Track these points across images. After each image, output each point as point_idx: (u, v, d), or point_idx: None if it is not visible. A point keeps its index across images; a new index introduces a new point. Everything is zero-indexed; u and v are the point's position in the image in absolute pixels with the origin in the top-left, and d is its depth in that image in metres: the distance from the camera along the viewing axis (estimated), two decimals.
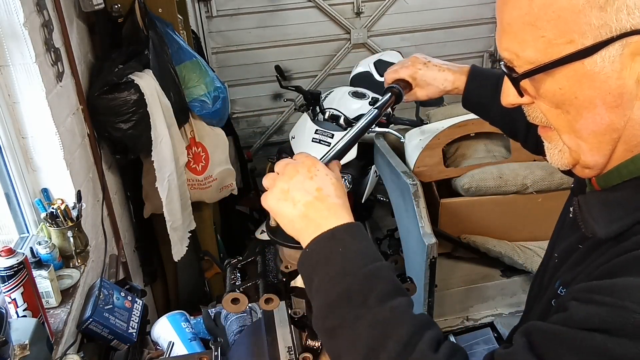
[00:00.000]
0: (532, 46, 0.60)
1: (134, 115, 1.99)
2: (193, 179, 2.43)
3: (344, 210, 0.74)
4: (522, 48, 0.61)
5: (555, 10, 0.57)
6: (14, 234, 1.67)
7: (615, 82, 0.58)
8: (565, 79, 0.60)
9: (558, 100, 0.62)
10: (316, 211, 0.73)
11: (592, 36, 0.56)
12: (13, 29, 1.48)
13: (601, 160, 0.64)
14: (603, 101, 0.59)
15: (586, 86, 0.59)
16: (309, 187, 0.74)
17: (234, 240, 3.23)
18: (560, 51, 0.58)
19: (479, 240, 2.52)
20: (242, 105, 4.35)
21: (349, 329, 0.66)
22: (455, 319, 2.51)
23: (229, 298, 0.92)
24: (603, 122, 0.60)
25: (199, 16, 3.91)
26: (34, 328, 1.20)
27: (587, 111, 0.60)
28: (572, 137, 0.64)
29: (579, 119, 0.61)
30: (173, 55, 2.21)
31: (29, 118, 1.60)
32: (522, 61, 0.62)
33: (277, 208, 0.76)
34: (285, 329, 1.21)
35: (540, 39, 0.59)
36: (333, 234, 0.71)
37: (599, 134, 0.62)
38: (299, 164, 0.77)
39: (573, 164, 0.67)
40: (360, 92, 3.27)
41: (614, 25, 0.55)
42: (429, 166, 2.50)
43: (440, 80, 1.14)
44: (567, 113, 0.62)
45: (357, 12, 4.19)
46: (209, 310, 1.64)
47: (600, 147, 0.63)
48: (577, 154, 0.65)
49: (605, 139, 0.62)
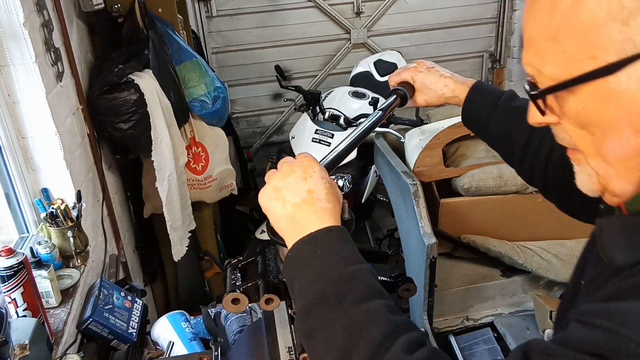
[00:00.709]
0: (553, 61, 0.56)
1: (134, 115, 1.99)
2: (193, 178, 2.43)
3: (330, 215, 0.74)
4: (544, 64, 0.58)
5: (576, 23, 0.53)
6: (14, 234, 1.67)
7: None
8: (588, 98, 0.56)
9: (582, 120, 0.58)
10: (303, 214, 0.73)
11: (616, 52, 0.52)
12: (13, 29, 1.48)
13: (630, 188, 0.59)
14: (630, 123, 0.54)
15: (611, 106, 0.54)
16: (301, 188, 0.75)
17: (234, 240, 3.23)
18: (582, 67, 0.54)
19: (479, 240, 2.52)
20: (242, 105, 4.35)
21: (324, 330, 0.66)
22: (455, 319, 2.51)
23: (230, 298, 0.92)
24: (630, 147, 0.55)
25: (199, 16, 3.91)
26: (34, 328, 1.20)
27: (613, 133, 0.55)
28: (599, 161, 0.59)
29: (605, 142, 0.57)
30: (173, 55, 2.21)
31: (29, 118, 1.60)
32: (544, 77, 0.58)
33: (267, 205, 0.76)
34: (285, 329, 1.21)
35: (561, 54, 0.55)
36: (314, 238, 0.71)
37: (627, 159, 0.57)
38: (296, 163, 0.78)
39: (602, 191, 0.63)
40: (360, 92, 3.27)
41: (639, 40, 0.51)
42: (429, 166, 2.50)
43: (440, 86, 1.12)
44: (593, 135, 0.57)
45: (357, 12, 4.19)
46: (209, 310, 1.64)
47: (629, 173, 0.58)
48: (605, 179, 0.60)
49: (634, 165, 0.57)
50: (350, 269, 0.69)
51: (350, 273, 0.68)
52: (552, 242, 2.50)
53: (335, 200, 0.76)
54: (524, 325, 2.42)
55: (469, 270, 2.60)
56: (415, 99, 1.16)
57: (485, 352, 2.37)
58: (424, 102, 1.15)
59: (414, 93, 1.15)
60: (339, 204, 0.77)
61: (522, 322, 2.45)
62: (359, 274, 0.69)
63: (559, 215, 1.01)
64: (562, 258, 2.44)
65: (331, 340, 0.65)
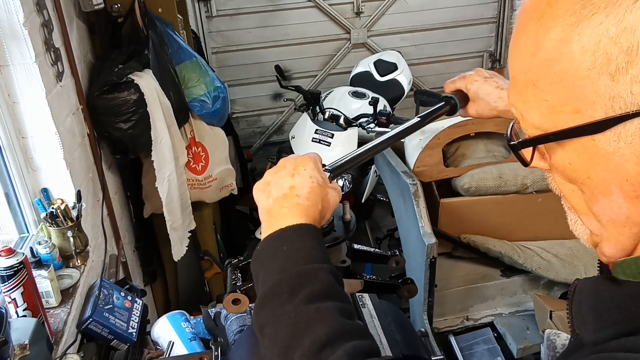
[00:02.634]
0: (536, 109, 0.50)
1: (134, 115, 1.99)
2: (193, 178, 2.43)
3: (305, 212, 0.72)
4: (526, 109, 0.51)
5: (557, 72, 0.47)
6: (14, 234, 1.67)
7: (634, 168, 0.46)
8: (575, 154, 0.49)
9: (569, 176, 0.52)
10: (279, 208, 0.73)
11: (603, 109, 0.45)
12: (13, 28, 1.48)
13: (619, 254, 0.53)
14: (620, 188, 0.48)
15: (599, 167, 0.48)
16: (285, 183, 0.75)
17: (234, 240, 3.22)
18: (566, 121, 0.48)
19: (479, 240, 2.52)
20: (242, 105, 4.35)
21: (273, 324, 0.65)
22: (455, 319, 2.51)
23: (230, 299, 0.91)
24: (622, 212, 0.49)
25: (199, 16, 3.91)
26: (34, 328, 1.20)
27: (603, 196, 0.49)
28: (592, 220, 0.53)
29: (595, 202, 0.51)
30: (173, 55, 2.21)
31: (29, 118, 1.60)
32: (526, 124, 0.52)
33: (256, 197, 0.78)
34: None
35: (543, 103, 0.49)
36: (282, 233, 0.71)
37: (618, 224, 0.50)
38: (290, 160, 0.78)
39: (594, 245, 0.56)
40: (360, 92, 3.27)
41: (629, 99, 0.44)
42: (429, 166, 2.50)
43: (494, 97, 1.06)
44: (582, 192, 0.52)
45: (357, 12, 4.19)
46: (209, 310, 1.64)
47: (620, 240, 0.51)
48: (598, 238, 0.54)
49: (625, 232, 0.50)
50: (310, 267, 0.68)
51: (309, 270, 0.67)
52: (552, 242, 2.50)
53: (318, 200, 0.74)
54: (524, 325, 2.42)
55: (469, 270, 2.59)
56: (467, 109, 1.10)
57: (485, 352, 2.37)
58: (475, 112, 1.10)
59: (467, 103, 1.09)
60: (323, 205, 0.75)
61: (522, 322, 2.45)
62: (318, 273, 0.67)
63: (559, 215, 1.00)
64: (562, 258, 2.44)
65: (278, 335, 0.64)
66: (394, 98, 3.43)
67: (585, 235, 0.57)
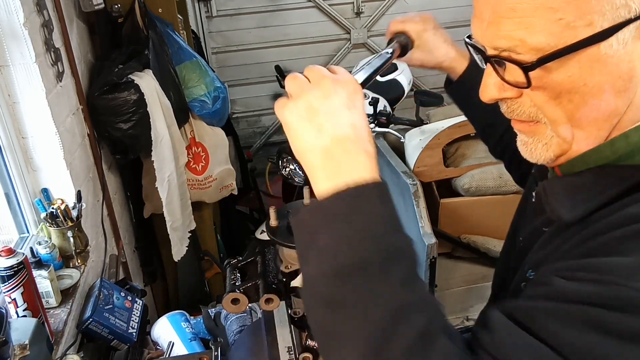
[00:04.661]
0: (545, 30, 0.55)
1: (134, 115, 1.99)
2: (193, 179, 2.43)
3: (374, 164, 0.61)
4: (531, 33, 0.56)
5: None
6: (14, 234, 1.67)
7: (627, 66, 0.56)
8: (577, 66, 0.56)
9: (563, 89, 0.58)
10: (344, 153, 0.59)
11: (612, 17, 0.53)
12: (13, 29, 1.48)
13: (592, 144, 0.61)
14: (612, 86, 0.56)
15: (597, 71, 0.56)
16: (345, 119, 0.61)
17: (234, 240, 3.22)
18: (577, 35, 0.54)
19: (479, 240, 2.52)
20: (242, 105, 4.35)
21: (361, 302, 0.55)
22: (455, 319, 2.51)
23: (229, 298, 0.92)
24: (608, 108, 0.58)
25: (199, 16, 3.91)
26: (34, 328, 1.20)
27: (594, 98, 0.57)
28: (568, 127, 0.61)
29: (582, 107, 0.58)
30: (173, 55, 2.21)
31: (29, 118, 1.60)
32: (526, 48, 0.57)
33: (295, 126, 0.61)
34: (285, 329, 1.21)
35: (557, 22, 0.54)
36: (363, 190, 0.58)
37: (600, 121, 0.59)
38: (341, 83, 0.64)
39: (559, 156, 0.64)
40: None
41: (634, 5, 0.53)
42: (429, 166, 2.50)
43: (442, 52, 1.03)
44: (570, 102, 0.58)
45: (357, 12, 4.20)
46: (209, 310, 1.64)
47: (599, 134, 0.60)
48: (568, 144, 0.62)
49: (606, 126, 0.60)
50: (398, 239, 0.58)
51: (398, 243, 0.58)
52: None
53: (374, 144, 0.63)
54: None
55: (469, 270, 2.60)
56: (412, 55, 1.04)
57: None
58: (419, 62, 1.05)
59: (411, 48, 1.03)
60: None
61: None
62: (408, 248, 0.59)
63: None
64: None
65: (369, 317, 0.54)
66: (394, 98, 3.43)
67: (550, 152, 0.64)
